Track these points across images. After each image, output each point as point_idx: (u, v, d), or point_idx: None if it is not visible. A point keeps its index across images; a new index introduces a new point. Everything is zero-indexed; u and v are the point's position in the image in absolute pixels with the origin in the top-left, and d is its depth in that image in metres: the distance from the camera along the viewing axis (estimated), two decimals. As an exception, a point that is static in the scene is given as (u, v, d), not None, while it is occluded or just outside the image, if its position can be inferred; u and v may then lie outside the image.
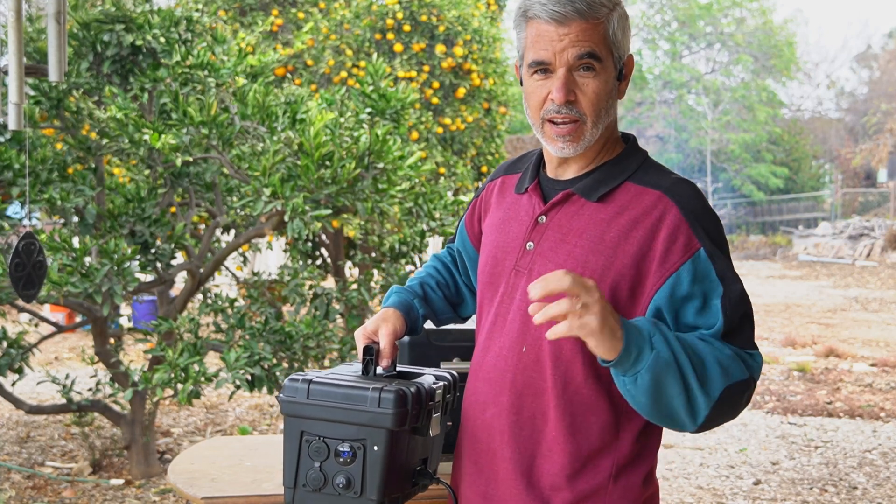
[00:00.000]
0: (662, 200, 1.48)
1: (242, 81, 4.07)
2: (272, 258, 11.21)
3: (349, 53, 7.72)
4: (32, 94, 4.14)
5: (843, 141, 30.04)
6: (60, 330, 4.82)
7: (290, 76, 7.51)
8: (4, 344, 4.33)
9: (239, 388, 3.72)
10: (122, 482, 4.51)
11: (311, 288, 4.49)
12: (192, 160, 4.15)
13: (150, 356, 4.40)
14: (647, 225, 1.47)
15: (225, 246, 4.56)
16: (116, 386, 4.45)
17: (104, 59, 4.19)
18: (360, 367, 1.56)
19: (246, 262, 6.02)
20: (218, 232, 4.98)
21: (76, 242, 4.33)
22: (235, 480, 2.35)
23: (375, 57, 4.74)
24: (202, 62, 3.96)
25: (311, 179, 3.60)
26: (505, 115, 8.50)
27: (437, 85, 7.82)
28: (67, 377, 4.91)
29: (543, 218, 1.55)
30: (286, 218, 3.58)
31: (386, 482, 1.42)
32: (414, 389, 1.44)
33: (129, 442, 4.56)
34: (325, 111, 3.89)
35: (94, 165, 4.44)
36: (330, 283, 5.92)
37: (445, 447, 1.85)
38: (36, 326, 5.11)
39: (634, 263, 1.46)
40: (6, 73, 2.92)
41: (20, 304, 4.38)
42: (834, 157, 29.86)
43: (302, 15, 8.27)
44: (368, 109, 4.30)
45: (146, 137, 3.75)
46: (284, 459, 1.46)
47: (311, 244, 5.96)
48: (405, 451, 1.45)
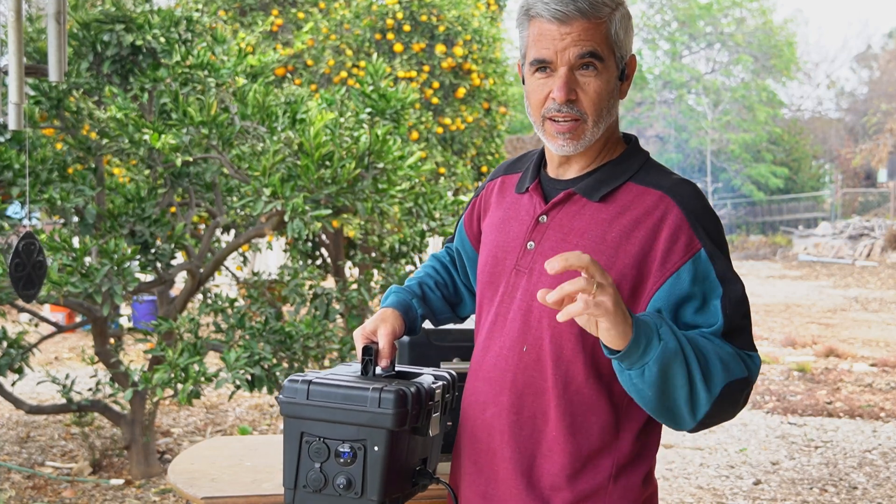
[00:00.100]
0: (664, 201, 1.48)
1: (242, 81, 4.07)
2: (272, 258, 11.21)
3: (349, 53, 7.72)
4: (32, 94, 4.14)
5: (843, 141, 30.03)
6: (60, 330, 4.82)
7: (290, 76, 7.51)
8: (4, 344, 4.33)
9: (239, 388, 3.71)
10: (122, 482, 4.51)
11: (311, 288, 4.48)
12: (192, 160, 4.15)
13: (150, 356, 4.40)
14: (648, 225, 1.47)
15: (225, 246, 4.56)
16: (116, 386, 4.45)
17: (104, 59, 4.19)
18: (359, 367, 1.55)
19: (246, 262, 6.02)
20: (218, 232, 4.98)
21: (76, 242, 4.33)
22: (235, 480, 2.35)
23: (375, 57, 4.74)
24: (202, 62, 3.96)
25: (311, 179, 3.60)
26: (505, 115, 8.49)
27: (437, 85, 7.81)
28: (67, 377, 4.90)
29: (544, 217, 1.55)
30: (286, 218, 3.58)
31: (386, 482, 1.42)
32: (414, 389, 1.44)
33: (129, 442, 4.56)
34: (325, 111, 3.89)
35: (94, 165, 4.44)
36: (330, 283, 5.92)
37: (444, 447, 1.85)
38: (36, 326, 5.11)
39: (636, 264, 1.46)
40: (6, 73, 2.92)
41: (20, 304, 4.38)
42: (834, 157, 29.86)
43: (302, 15, 8.27)
44: (368, 109, 4.30)
45: (146, 137, 3.75)
46: (284, 460, 1.46)
47: (311, 244, 5.96)
48: (405, 451, 1.45)
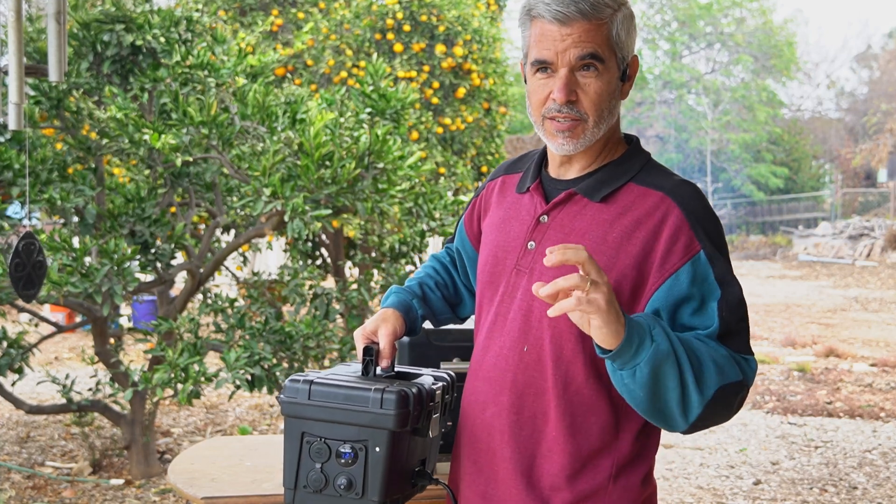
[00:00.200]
0: (665, 202, 1.48)
1: (242, 81, 4.07)
2: (272, 258, 11.21)
3: (349, 53, 7.72)
4: (32, 94, 4.13)
5: (843, 141, 30.03)
6: (60, 330, 4.81)
7: (290, 76, 7.51)
8: (4, 344, 4.33)
9: (239, 388, 3.71)
10: (122, 482, 4.51)
11: (311, 288, 4.48)
12: (192, 160, 4.15)
13: (150, 356, 4.40)
14: (649, 226, 1.47)
15: (225, 246, 4.56)
16: (116, 386, 4.45)
17: (104, 59, 4.19)
18: (358, 367, 1.55)
19: (246, 262, 6.02)
20: (218, 232, 4.98)
21: (76, 242, 4.33)
22: (235, 480, 2.35)
23: (375, 57, 4.74)
24: (202, 62, 3.96)
25: (311, 179, 3.60)
26: (505, 115, 8.49)
27: (437, 85, 7.81)
28: (67, 377, 4.90)
29: (545, 217, 1.55)
30: (286, 218, 3.58)
31: (387, 483, 1.42)
32: (415, 390, 1.44)
33: (129, 442, 4.56)
34: (325, 111, 3.89)
35: (94, 165, 4.44)
36: (330, 283, 5.92)
37: (443, 447, 1.84)
38: (36, 326, 5.11)
39: (636, 264, 1.46)
40: (6, 73, 2.92)
41: (20, 304, 4.38)
42: (834, 157, 29.85)
43: (302, 15, 8.27)
44: (368, 109, 4.30)
45: (146, 137, 3.75)
46: (285, 460, 1.46)
47: (311, 244, 5.96)
48: (406, 451, 1.45)
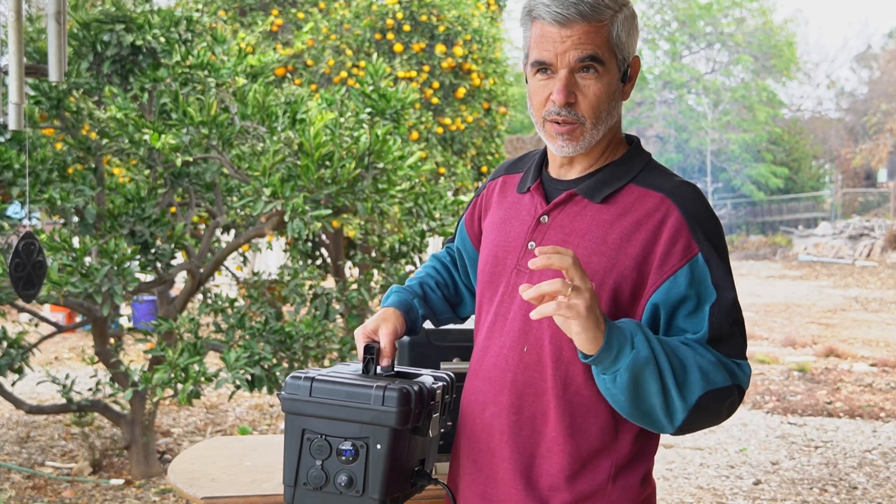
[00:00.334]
0: (665, 203, 1.48)
1: (242, 81, 4.07)
2: (272, 258, 11.21)
3: (349, 53, 7.72)
4: (32, 94, 4.14)
5: (843, 141, 30.03)
6: (60, 330, 4.82)
7: (290, 76, 7.51)
8: (4, 344, 4.33)
9: (239, 388, 3.71)
10: (122, 482, 4.51)
11: (311, 288, 4.48)
12: (192, 160, 4.15)
13: (150, 356, 4.40)
14: (649, 227, 1.47)
15: (225, 246, 4.56)
16: (116, 386, 4.45)
17: (104, 59, 4.19)
18: (358, 366, 1.55)
19: (246, 262, 6.02)
20: (218, 232, 4.98)
21: (76, 242, 4.33)
22: (235, 480, 2.35)
23: (375, 57, 4.74)
24: (202, 62, 3.96)
25: (311, 179, 3.60)
26: (505, 115, 8.49)
27: (437, 85, 7.81)
28: (67, 377, 4.90)
29: (546, 217, 1.55)
30: (286, 218, 3.58)
31: (388, 481, 1.42)
32: (416, 388, 1.44)
33: (129, 442, 4.56)
34: (325, 111, 3.89)
35: (94, 165, 4.44)
36: (330, 283, 5.92)
37: (442, 447, 1.84)
38: (36, 326, 5.11)
39: (636, 266, 1.47)
40: (6, 73, 2.92)
41: (20, 304, 4.38)
42: (834, 157, 29.85)
43: (302, 15, 8.27)
44: (368, 109, 4.30)
45: (146, 137, 3.75)
46: (285, 457, 1.46)
47: (311, 244, 5.96)
48: (406, 450, 1.45)
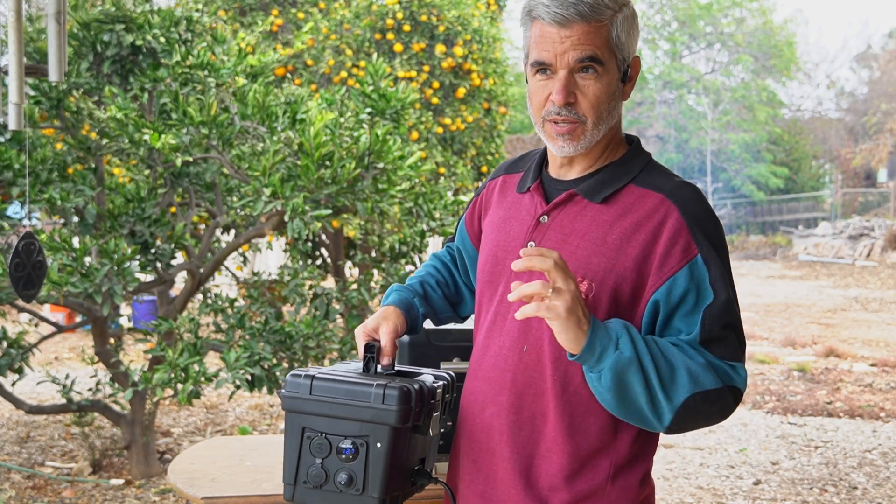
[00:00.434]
0: (664, 204, 1.48)
1: (242, 81, 4.07)
2: (272, 258, 11.21)
3: (349, 53, 7.72)
4: (32, 94, 4.14)
5: (843, 141, 30.02)
6: (60, 330, 4.82)
7: (290, 76, 7.51)
8: (4, 344, 4.33)
9: (239, 388, 3.71)
10: (122, 482, 4.51)
11: (311, 288, 4.48)
12: (192, 160, 4.15)
13: (150, 356, 4.40)
14: (649, 228, 1.47)
15: (225, 246, 4.56)
16: (116, 386, 4.45)
17: (104, 59, 4.19)
18: (358, 365, 1.55)
19: (246, 262, 6.02)
20: (218, 232, 4.98)
21: (76, 242, 4.33)
22: (235, 480, 2.35)
23: (375, 57, 4.74)
24: (202, 62, 3.96)
25: (311, 179, 3.60)
26: (505, 115, 8.49)
27: (437, 85, 7.81)
28: (67, 377, 4.90)
29: (545, 218, 1.55)
30: (286, 218, 3.58)
31: (388, 480, 1.42)
32: (417, 387, 1.44)
33: (129, 442, 4.56)
34: (325, 111, 3.89)
35: (94, 165, 4.44)
36: (330, 283, 5.92)
37: (442, 447, 1.84)
38: (36, 326, 5.11)
39: (636, 266, 1.47)
40: (6, 73, 2.92)
41: (20, 304, 4.38)
42: (834, 157, 29.84)
43: (302, 15, 8.27)
44: (368, 109, 4.30)
45: (146, 137, 3.75)
46: (285, 455, 1.46)
47: (311, 244, 5.96)
48: (406, 449, 1.45)
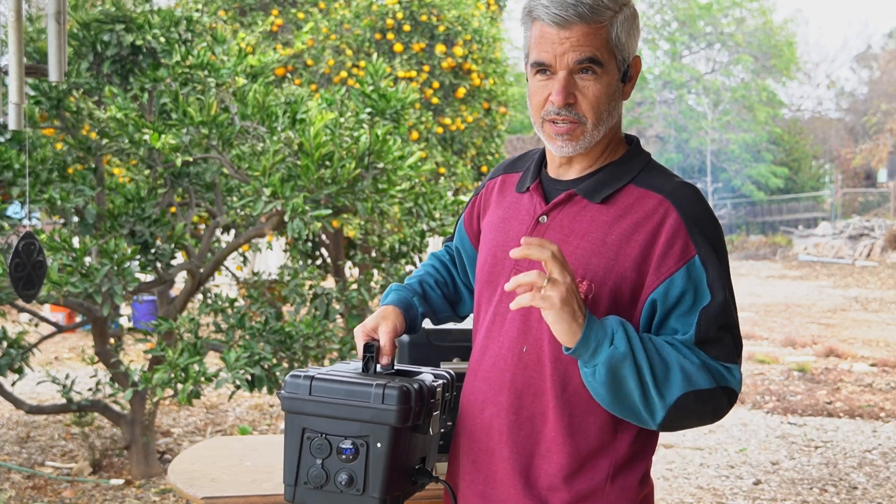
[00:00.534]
0: (664, 205, 1.48)
1: (242, 81, 4.07)
2: (272, 258, 11.21)
3: (349, 53, 7.72)
4: (32, 94, 4.14)
5: (843, 141, 30.02)
6: (60, 330, 4.82)
7: (290, 76, 7.51)
8: (4, 344, 4.33)
9: (239, 388, 3.72)
10: (122, 482, 4.51)
11: (311, 288, 4.48)
12: (192, 160, 4.15)
13: (150, 356, 4.40)
14: (648, 229, 1.47)
15: (225, 246, 4.56)
16: (116, 386, 4.45)
17: (104, 59, 4.19)
18: (358, 365, 1.55)
19: (246, 262, 6.02)
20: (218, 232, 4.98)
21: (76, 242, 4.33)
22: (235, 480, 2.35)
23: (375, 57, 4.74)
24: (202, 62, 3.96)
25: (311, 179, 3.60)
26: (505, 115, 8.49)
27: (437, 85, 7.81)
28: (67, 377, 4.90)
29: (545, 218, 1.55)
30: (286, 218, 3.58)
31: (389, 479, 1.42)
32: (416, 386, 1.44)
33: (129, 442, 4.56)
34: (325, 111, 3.89)
35: (94, 165, 4.44)
36: (330, 283, 5.92)
37: (441, 447, 1.84)
38: (36, 326, 5.11)
39: (636, 267, 1.47)
40: (6, 73, 2.92)
41: (20, 304, 4.38)
42: (834, 157, 29.84)
43: (302, 15, 8.27)
44: (368, 109, 4.30)
45: (146, 137, 3.75)
46: (285, 456, 1.46)
47: (311, 244, 5.96)
48: (406, 448, 1.45)
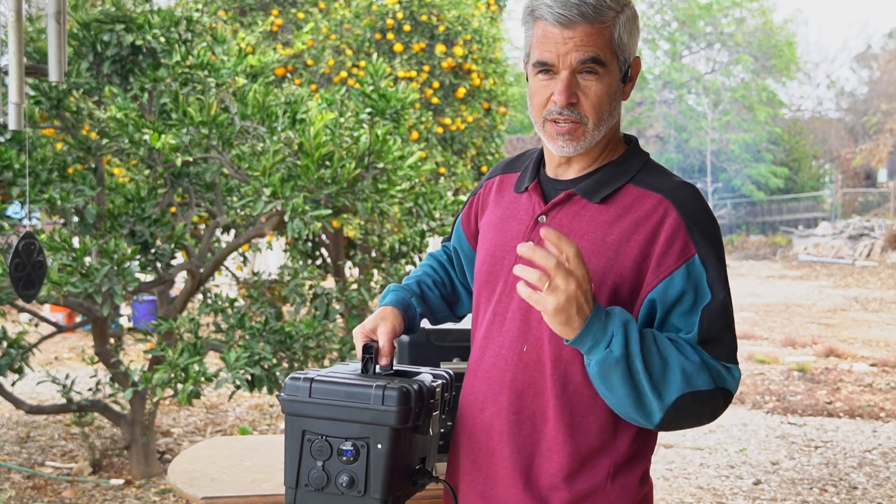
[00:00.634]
0: (663, 204, 1.48)
1: (242, 81, 4.07)
2: (272, 258, 11.21)
3: (349, 53, 7.72)
4: (32, 94, 4.14)
5: (843, 141, 30.02)
6: (60, 330, 4.82)
7: (290, 76, 7.51)
8: (4, 344, 4.33)
9: (239, 388, 3.71)
10: (122, 482, 4.51)
11: (311, 288, 4.48)
12: (192, 160, 4.15)
13: (150, 356, 4.41)
14: (647, 228, 1.47)
15: (225, 246, 4.56)
16: (116, 386, 4.45)
17: (104, 59, 4.19)
18: (357, 366, 1.55)
19: (246, 262, 6.02)
20: (218, 232, 4.98)
21: (76, 242, 4.33)
22: (235, 480, 2.35)
23: (375, 57, 4.74)
24: (202, 62, 3.96)
25: (311, 179, 3.60)
26: (505, 115, 8.49)
27: (437, 85, 7.81)
28: (67, 377, 4.90)
29: (544, 217, 1.55)
30: (286, 218, 3.58)
31: (389, 481, 1.42)
32: (416, 387, 1.44)
33: (129, 442, 4.56)
34: (325, 111, 3.89)
35: (94, 165, 4.44)
36: (330, 283, 5.92)
37: (441, 447, 1.84)
38: (36, 326, 5.11)
39: (635, 266, 1.47)
40: (6, 73, 2.92)
41: (20, 304, 4.38)
42: (834, 157, 29.84)
43: (302, 15, 8.27)
44: (368, 109, 4.30)
45: (146, 137, 3.75)
46: (286, 459, 1.46)
47: (311, 244, 5.96)
48: (407, 449, 1.45)
